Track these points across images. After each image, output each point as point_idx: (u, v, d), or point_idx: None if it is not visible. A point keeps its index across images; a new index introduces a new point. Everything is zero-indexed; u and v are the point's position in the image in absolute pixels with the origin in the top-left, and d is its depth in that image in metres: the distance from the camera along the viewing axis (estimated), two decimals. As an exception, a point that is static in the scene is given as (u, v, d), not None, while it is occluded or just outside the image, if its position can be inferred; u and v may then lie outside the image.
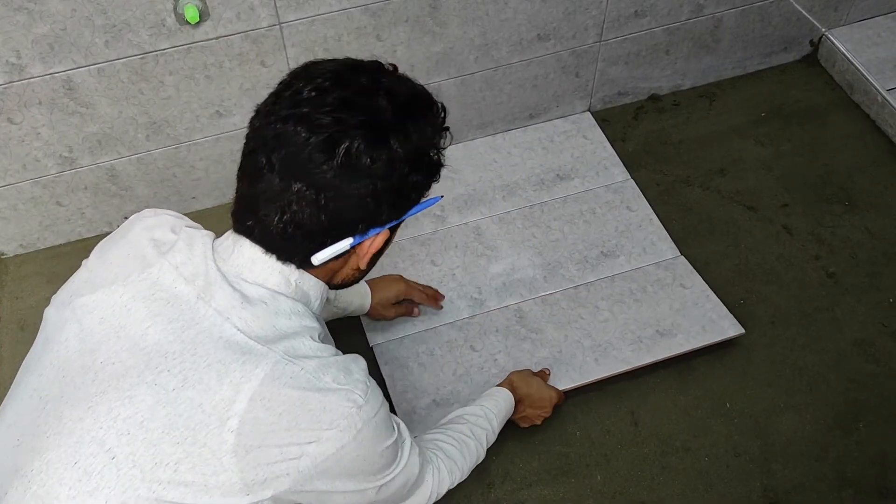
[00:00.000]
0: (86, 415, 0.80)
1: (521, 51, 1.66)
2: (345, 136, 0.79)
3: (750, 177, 1.75)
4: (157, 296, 0.85)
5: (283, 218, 0.81)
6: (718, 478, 1.34)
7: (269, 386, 0.80)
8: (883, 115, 1.82)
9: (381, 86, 0.83)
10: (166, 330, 0.83)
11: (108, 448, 0.78)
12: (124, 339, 0.83)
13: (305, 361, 0.82)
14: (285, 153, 0.80)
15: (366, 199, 0.81)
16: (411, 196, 0.88)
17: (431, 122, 0.87)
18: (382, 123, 0.81)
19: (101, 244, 0.96)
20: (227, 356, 0.81)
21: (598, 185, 1.72)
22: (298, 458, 0.80)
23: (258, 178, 0.82)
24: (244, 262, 0.86)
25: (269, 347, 0.82)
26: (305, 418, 0.80)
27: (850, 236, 1.64)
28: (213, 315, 0.83)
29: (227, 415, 0.79)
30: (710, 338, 1.46)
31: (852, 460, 1.35)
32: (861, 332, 1.50)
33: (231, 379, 0.80)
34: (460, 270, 1.58)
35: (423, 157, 0.86)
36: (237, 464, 0.78)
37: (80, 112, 1.43)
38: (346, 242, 0.84)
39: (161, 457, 0.78)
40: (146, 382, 0.80)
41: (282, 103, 0.82)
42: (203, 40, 1.40)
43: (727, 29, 1.81)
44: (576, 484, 1.33)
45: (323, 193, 0.80)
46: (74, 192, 1.56)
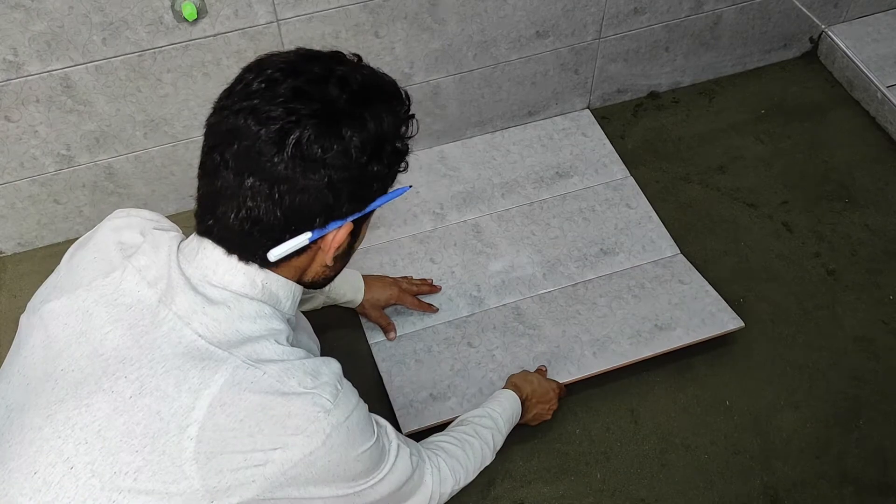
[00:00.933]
0: (45, 423, 0.78)
1: (519, 48, 1.66)
2: (295, 127, 0.76)
3: (750, 174, 1.75)
4: (119, 300, 0.83)
5: (240, 215, 0.79)
6: (718, 475, 1.33)
7: (229, 391, 0.78)
8: (883, 112, 1.82)
9: (334, 74, 0.80)
10: (125, 335, 0.81)
11: (67, 458, 0.77)
12: (85, 344, 0.81)
13: (268, 366, 0.80)
14: (237, 148, 0.77)
15: (322, 190, 0.78)
16: (373, 187, 0.84)
17: (391, 110, 0.83)
18: (334, 112, 0.78)
19: (72, 247, 0.94)
20: (185, 362, 0.79)
21: (597, 183, 1.72)
22: (264, 465, 0.78)
23: (215, 176, 0.79)
24: (209, 265, 0.83)
25: (230, 352, 0.79)
26: (268, 424, 0.78)
27: (850, 233, 1.64)
28: (174, 320, 0.81)
29: (187, 422, 0.77)
30: (709, 331, 1.46)
31: (853, 457, 1.35)
32: (861, 329, 1.50)
33: (189, 385, 0.78)
34: (459, 268, 1.58)
35: (382, 147, 0.82)
36: (198, 471, 0.76)
37: (77, 110, 1.42)
38: (304, 237, 0.81)
39: (120, 465, 0.76)
40: (103, 390, 0.78)
41: (234, 97, 0.79)
42: (201, 38, 1.40)
43: (727, 26, 1.80)
44: (576, 482, 1.33)
45: (276, 187, 0.77)
46: (72, 190, 1.56)
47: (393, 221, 1.65)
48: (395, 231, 1.63)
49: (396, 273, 1.56)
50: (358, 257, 1.58)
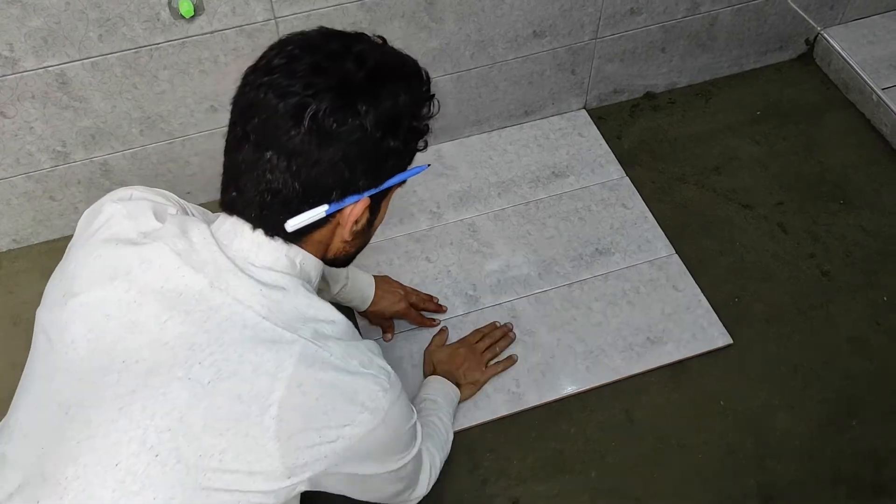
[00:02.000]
0: (118, 416, 0.79)
1: (516, 47, 1.66)
2: (312, 101, 0.78)
3: (745, 175, 1.75)
4: (165, 287, 0.83)
5: (260, 187, 0.81)
6: (713, 474, 1.34)
7: (304, 371, 0.81)
8: (878, 114, 1.82)
9: (352, 50, 0.82)
10: (186, 322, 0.81)
11: (151, 446, 0.78)
12: (140, 335, 0.82)
13: (331, 345, 0.84)
14: (257, 122, 0.80)
15: (337, 164, 0.80)
16: (388, 163, 0.85)
17: (408, 87, 0.85)
18: (350, 87, 0.80)
19: (81, 237, 0.93)
20: (257, 345, 0.81)
21: (593, 183, 1.72)
22: (335, 441, 0.82)
23: (237, 149, 0.82)
24: (248, 247, 0.85)
25: (296, 333, 0.82)
26: (340, 401, 0.82)
27: (845, 234, 1.64)
28: (233, 303, 0.82)
29: (268, 402, 0.79)
30: (699, 347, 1.46)
31: (846, 457, 1.35)
32: (855, 330, 1.50)
33: (266, 368, 0.80)
34: (455, 267, 1.58)
35: (397, 123, 0.83)
36: (279, 449, 0.80)
37: (73, 106, 1.42)
38: (321, 209, 0.83)
39: (205, 448, 0.79)
40: (178, 378, 0.80)
41: (256, 73, 0.82)
42: (198, 35, 1.39)
43: (723, 27, 1.81)
44: (570, 480, 1.33)
45: (293, 160, 0.79)
46: (68, 186, 1.55)
47: (389, 220, 1.65)
48: (392, 230, 1.63)
49: (392, 272, 1.56)
50: (354, 256, 1.58)
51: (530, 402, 1.40)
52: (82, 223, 0.95)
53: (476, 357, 1.40)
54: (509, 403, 1.40)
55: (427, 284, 1.55)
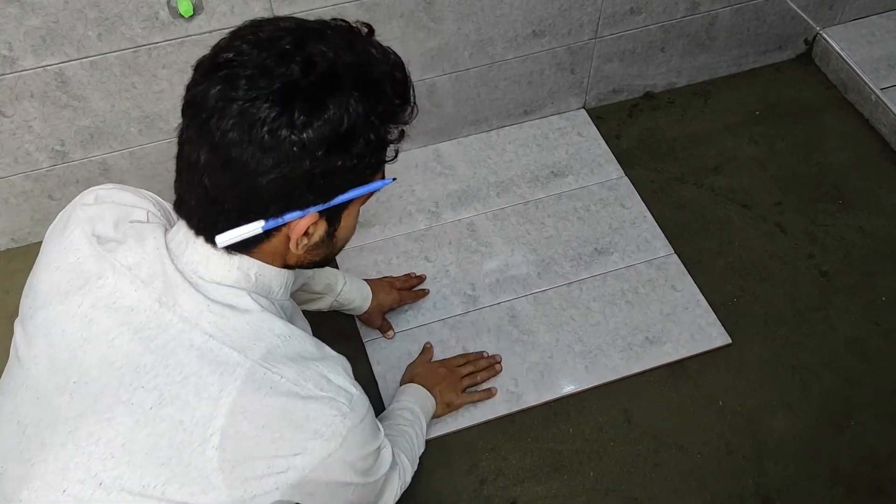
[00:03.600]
0: (67, 440, 0.77)
1: (516, 47, 1.66)
2: (251, 107, 0.70)
3: (744, 175, 1.75)
4: (118, 303, 0.79)
5: (199, 191, 0.75)
6: (711, 475, 1.34)
7: (249, 397, 0.76)
8: (876, 115, 1.82)
9: (305, 51, 0.73)
10: (133, 340, 0.78)
11: (95, 474, 0.76)
12: (91, 353, 0.79)
13: (284, 368, 0.78)
14: (197, 122, 0.73)
15: (273, 179, 0.72)
16: (334, 181, 0.76)
17: (367, 96, 0.74)
18: (291, 95, 0.71)
19: (45, 244, 0.89)
20: (202, 367, 0.76)
21: (592, 183, 1.72)
22: (286, 472, 0.77)
23: (181, 148, 0.77)
24: (199, 259, 0.80)
25: (245, 354, 0.77)
26: (289, 429, 0.77)
27: (844, 235, 1.65)
28: (180, 322, 0.78)
29: (210, 431, 0.75)
30: (697, 347, 1.47)
31: (844, 458, 1.36)
32: (853, 331, 1.51)
33: (209, 393, 0.76)
34: (454, 267, 1.58)
35: (346, 138, 0.73)
36: (224, 481, 0.76)
37: (72, 105, 1.42)
38: (257, 226, 0.76)
39: (148, 479, 0.75)
40: (122, 402, 0.76)
41: (204, 68, 0.75)
42: (197, 34, 1.39)
43: (722, 27, 1.81)
44: (568, 481, 1.33)
45: (229, 168, 0.72)
46: (66, 185, 1.55)
47: (388, 220, 1.65)
48: (390, 229, 1.63)
49: (391, 272, 1.56)
50: (352, 255, 1.58)
51: (529, 402, 1.41)
52: (51, 231, 0.90)
53: (455, 380, 1.38)
54: (508, 403, 1.40)
55: (426, 284, 1.55)
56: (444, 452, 1.35)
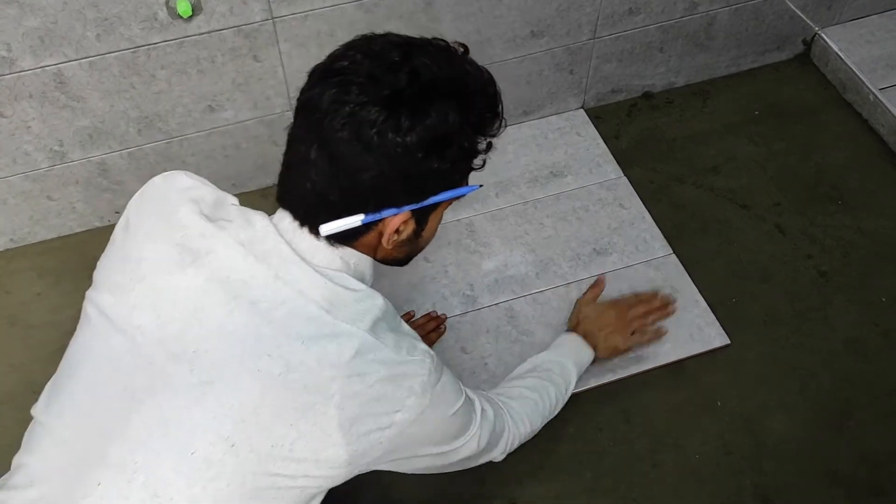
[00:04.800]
0: (193, 405, 0.81)
1: (514, 47, 1.66)
2: (360, 110, 0.79)
3: (743, 175, 1.75)
4: (231, 277, 0.85)
5: (307, 185, 0.83)
6: (709, 475, 1.34)
7: (362, 361, 0.83)
8: (875, 115, 1.82)
9: (411, 62, 0.81)
10: (251, 311, 0.83)
11: (227, 436, 0.81)
12: (207, 323, 0.83)
13: (386, 336, 0.86)
14: (310, 121, 0.82)
15: (374, 176, 0.81)
16: (428, 182, 0.86)
17: (463, 106, 0.83)
18: (398, 101, 0.80)
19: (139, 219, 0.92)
20: (321, 338, 0.83)
21: (591, 183, 1.72)
22: (389, 427, 0.85)
23: (292, 145, 0.85)
24: (307, 248, 0.87)
25: (356, 326, 0.84)
26: (391, 387, 0.84)
27: (843, 235, 1.65)
28: (297, 295, 0.84)
29: (331, 391, 0.82)
30: (696, 348, 1.47)
31: (843, 459, 1.36)
32: (852, 332, 1.51)
33: (329, 360, 0.82)
34: (453, 267, 1.58)
35: (445, 143, 0.82)
36: (343, 437, 0.83)
37: (71, 106, 1.42)
38: (356, 219, 0.85)
39: (276, 439, 0.81)
40: (248, 370, 0.82)
41: (319, 73, 0.84)
42: (195, 34, 1.39)
43: (721, 27, 1.81)
44: (567, 481, 1.33)
45: (335, 164, 0.81)
46: (65, 186, 1.55)
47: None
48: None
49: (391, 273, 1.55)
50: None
51: (528, 403, 1.41)
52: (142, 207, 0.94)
53: (623, 322, 1.40)
54: (507, 404, 1.40)
55: (425, 284, 1.55)
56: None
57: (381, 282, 1.52)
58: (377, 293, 0.90)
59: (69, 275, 1.59)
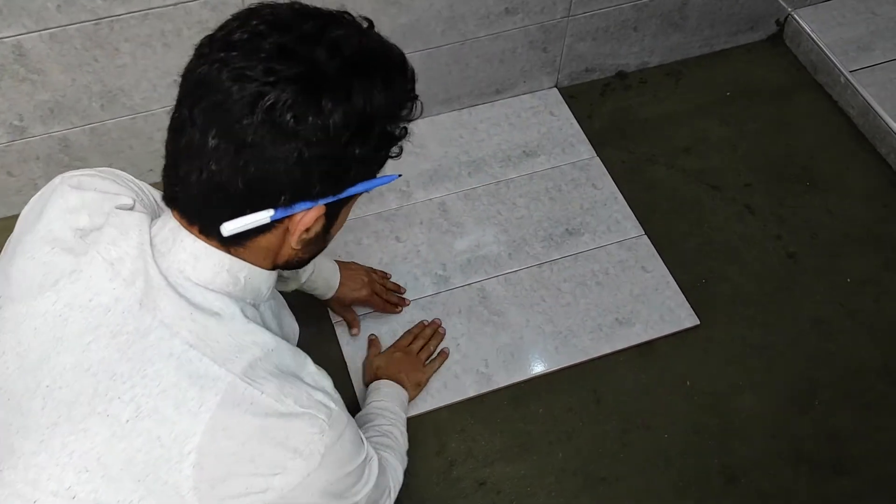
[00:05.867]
0: (40, 448, 0.73)
1: (488, 24, 1.63)
2: (271, 90, 0.68)
3: (714, 156, 1.76)
4: (94, 302, 0.75)
5: (202, 177, 0.71)
6: (678, 455, 1.35)
7: (229, 413, 0.73)
8: (845, 97, 1.83)
9: (327, 35, 0.71)
10: (110, 346, 0.74)
11: (69, 486, 0.72)
12: (65, 355, 0.75)
13: (265, 383, 0.75)
14: (206, 103, 0.70)
15: (290, 165, 0.70)
16: (351, 170, 0.75)
17: (387, 84, 0.74)
18: (318, 79, 0.69)
19: (19, 228, 0.84)
20: (181, 379, 0.73)
21: (564, 163, 1.71)
22: (264, 492, 0.74)
23: (181, 132, 0.72)
24: (186, 258, 0.76)
25: (226, 368, 0.74)
26: (269, 447, 0.74)
27: (811, 216, 1.66)
28: (160, 328, 0.74)
29: (188, 448, 0.72)
30: (666, 328, 1.48)
31: (809, 438, 1.38)
32: (819, 312, 1.52)
33: (188, 407, 0.72)
34: (425, 247, 1.57)
35: (368, 126, 0.73)
36: (199, 500, 0.72)
37: (30, 79, 1.37)
38: (266, 214, 0.73)
39: (123, 494, 0.72)
40: (98, 413, 0.73)
41: (213, 46, 0.72)
42: (160, 6, 1.35)
43: (695, 6, 1.80)
44: (537, 461, 1.34)
45: (242, 152, 0.69)
46: (26, 162, 1.51)
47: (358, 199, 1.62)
48: (361, 209, 1.61)
49: (361, 252, 1.55)
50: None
51: (499, 383, 1.41)
52: (27, 211, 0.86)
53: (413, 358, 1.38)
54: (478, 384, 1.40)
55: (396, 264, 1.54)
56: (414, 434, 1.34)
57: (351, 261, 1.51)
58: (262, 329, 0.78)
59: (31, 253, 1.55)
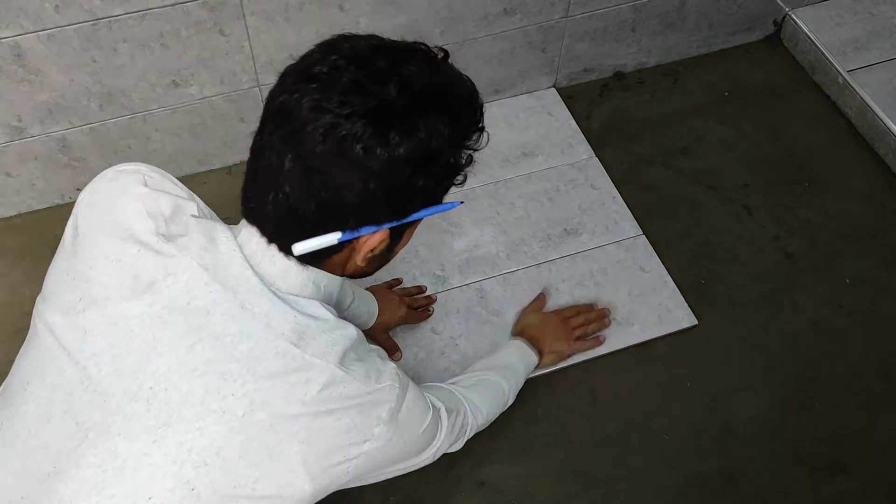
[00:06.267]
0: (153, 449, 0.76)
1: (486, 25, 1.64)
2: (345, 122, 0.73)
3: (712, 156, 1.76)
4: (192, 304, 0.79)
5: (277, 198, 0.76)
6: (677, 456, 1.35)
7: (328, 394, 0.80)
8: (843, 97, 1.84)
9: (399, 72, 0.75)
10: (215, 347, 0.78)
11: (187, 481, 0.76)
12: (166, 357, 0.78)
13: (354, 367, 0.82)
14: (284, 130, 0.75)
15: (358, 193, 0.75)
16: (414, 199, 0.80)
17: (453, 120, 0.78)
18: (387, 114, 0.74)
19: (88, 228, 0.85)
20: (288, 374, 0.79)
21: (562, 163, 1.71)
22: (357, 458, 0.84)
23: (260, 154, 0.77)
24: (276, 273, 0.82)
25: (325, 360, 0.80)
26: (360, 417, 0.82)
27: (809, 217, 1.66)
28: (264, 328, 0.79)
29: (296, 428, 0.79)
30: (664, 329, 1.48)
31: (807, 439, 1.38)
32: (818, 313, 1.53)
33: (296, 396, 0.78)
34: (423, 247, 1.57)
35: (433, 160, 0.77)
36: (307, 472, 0.80)
37: (29, 80, 1.37)
38: (334, 237, 0.78)
39: (239, 479, 0.78)
40: (212, 411, 0.77)
41: (295, 77, 0.76)
42: (158, 7, 1.35)
43: (693, 7, 1.80)
44: (536, 462, 1.34)
45: (313, 178, 0.74)
46: (24, 162, 1.51)
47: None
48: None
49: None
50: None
51: (497, 384, 1.41)
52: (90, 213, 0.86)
53: (566, 329, 1.42)
54: (476, 385, 1.40)
55: (395, 264, 1.53)
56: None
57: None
58: (347, 323, 0.86)
59: (29, 253, 1.55)
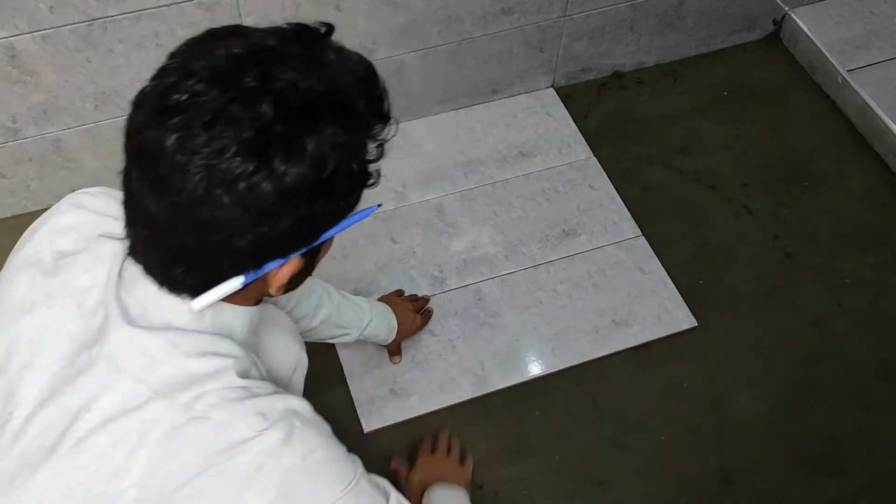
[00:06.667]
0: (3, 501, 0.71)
1: (484, 24, 1.63)
2: (218, 161, 0.61)
3: (711, 156, 1.75)
4: (63, 330, 0.74)
5: (158, 248, 0.68)
6: (675, 456, 1.35)
7: (170, 447, 0.68)
8: (842, 96, 1.83)
9: (272, 86, 0.63)
10: (68, 376, 0.72)
11: None
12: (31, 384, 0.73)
13: (215, 412, 0.69)
14: (154, 176, 0.63)
15: (251, 235, 0.64)
16: (320, 222, 0.69)
17: (347, 122, 0.66)
18: (266, 141, 0.62)
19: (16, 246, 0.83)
20: (123, 414, 0.69)
21: (560, 163, 1.71)
22: None
23: (131, 198, 0.67)
24: (149, 297, 0.71)
25: (171, 399, 0.69)
26: (214, 482, 0.68)
27: (808, 216, 1.66)
28: (107, 362, 0.71)
29: (126, 484, 0.68)
30: (664, 330, 1.47)
31: (805, 439, 1.37)
32: (817, 312, 1.52)
33: (127, 443, 0.68)
34: (421, 248, 1.56)
35: (332, 177, 0.65)
36: None
37: (23, 80, 1.37)
38: (236, 283, 0.69)
39: None
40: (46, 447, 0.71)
41: (151, 109, 0.64)
42: (153, 7, 1.34)
43: (692, 6, 1.79)
44: (535, 463, 1.33)
45: (198, 227, 0.64)
46: (19, 163, 1.50)
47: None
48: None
49: (357, 254, 1.54)
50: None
51: (495, 386, 1.40)
52: (28, 229, 0.85)
53: (446, 459, 1.29)
54: (474, 387, 1.40)
55: (392, 266, 1.53)
56: (411, 437, 1.34)
57: (345, 264, 1.51)
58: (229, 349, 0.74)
59: (25, 255, 1.54)
